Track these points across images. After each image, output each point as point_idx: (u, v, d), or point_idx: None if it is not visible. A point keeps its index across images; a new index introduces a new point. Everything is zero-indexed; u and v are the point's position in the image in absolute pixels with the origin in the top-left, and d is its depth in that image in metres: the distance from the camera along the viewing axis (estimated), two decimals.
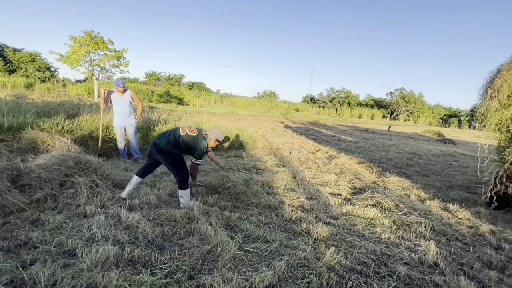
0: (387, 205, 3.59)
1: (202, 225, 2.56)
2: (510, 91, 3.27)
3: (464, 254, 2.53)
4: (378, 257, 2.38)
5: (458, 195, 4.47)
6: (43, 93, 22.11)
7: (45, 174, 2.97)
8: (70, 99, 7.95)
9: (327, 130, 15.51)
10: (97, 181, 3.29)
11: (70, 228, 2.42)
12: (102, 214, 2.67)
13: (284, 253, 2.28)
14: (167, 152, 2.95)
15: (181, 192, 3.03)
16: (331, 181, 4.69)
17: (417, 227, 2.98)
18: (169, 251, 2.19)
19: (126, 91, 5.01)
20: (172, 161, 2.98)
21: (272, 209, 3.26)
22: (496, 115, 3.38)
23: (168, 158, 2.97)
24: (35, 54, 33.08)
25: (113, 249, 2.07)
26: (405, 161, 7.07)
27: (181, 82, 43.60)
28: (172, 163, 2.98)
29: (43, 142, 4.13)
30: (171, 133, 3.04)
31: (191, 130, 3.08)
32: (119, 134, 5.04)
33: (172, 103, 27.44)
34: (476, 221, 3.30)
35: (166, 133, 3.06)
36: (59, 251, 2.08)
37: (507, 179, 3.54)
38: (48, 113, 5.95)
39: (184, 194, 3.04)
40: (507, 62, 3.43)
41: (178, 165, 3.00)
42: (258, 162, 5.53)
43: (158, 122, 6.73)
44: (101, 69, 18.21)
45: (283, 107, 37.05)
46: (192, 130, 3.09)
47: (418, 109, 44.33)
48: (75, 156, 3.41)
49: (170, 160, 2.98)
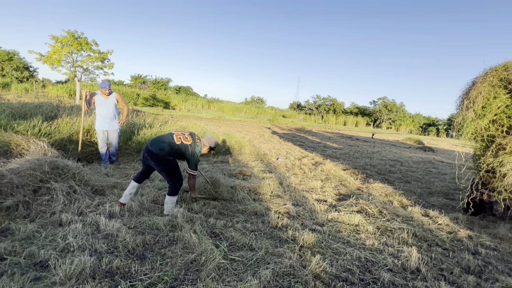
0: (371, 211, 3.66)
1: (186, 233, 2.48)
2: (484, 102, 3.45)
3: (444, 260, 2.60)
4: (362, 263, 2.39)
5: (437, 201, 4.63)
6: (20, 93, 21.05)
7: (17, 180, 2.79)
8: (49, 101, 7.59)
9: (313, 137, 15.74)
10: (75, 187, 3.13)
11: (43, 237, 2.27)
12: (79, 222, 2.53)
13: (270, 261, 2.25)
14: (161, 159, 2.88)
15: (168, 198, 2.96)
16: (317, 187, 4.72)
17: (400, 233, 3.04)
18: (150, 261, 2.10)
19: (112, 94, 4.84)
20: (165, 168, 2.91)
21: (258, 216, 3.23)
22: (471, 125, 3.55)
23: (162, 164, 2.89)
24: (12, 52, 31.60)
25: (90, 259, 1.95)
26: (388, 168, 7.27)
27: (168, 86, 42.98)
28: (165, 170, 2.91)
29: (17, 146, 3.89)
30: (164, 141, 2.94)
31: (185, 138, 3.02)
32: (100, 138, 4.84)
33: (158, 107, 26.93)
34: (455, 227, 3.42)
35: (160, 140, 2.96)
36: (29, 263, 1.94)
37: (483, 186, 3.71)
38: (24, 115, 5.64)
39: (170, 201, 2.97)
40: (481, 75, 3.63)
41: (171, 171, 2.93)
42: (245, 168, 5.49)
43: (143, 126, 6.56)
44: (84, 71, 17.64)
45: (270, 113, 37.33)
46: (187, 137, 3.03)
47: (399, 118, 46.06)
48: (52, 160, 3.23)
49: (164, 167, 2.91)
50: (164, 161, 2.89)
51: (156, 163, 2.89)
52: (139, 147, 5.80)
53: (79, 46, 16.37)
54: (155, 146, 2.88)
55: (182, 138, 3.00)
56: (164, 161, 2.89)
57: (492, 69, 3.52)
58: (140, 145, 5.82)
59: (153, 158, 2.87)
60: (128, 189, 3.07)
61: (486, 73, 3.56)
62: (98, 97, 4.76)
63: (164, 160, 2.89)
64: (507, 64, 3.42)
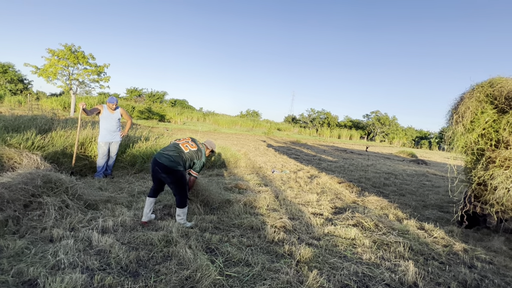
0: (367, 225, 3.65)
1: (180, 249, 2.44)
2: (472, 117, 3.57)
3: (440, 274, 2.59)
4: (360, 278, 2.37)
5: (432, 214, 4.66)
6: (13, 106, 20.88)
7: (8, 194, 2.73)
8: (43, 113, 7.54)
9: (308, 150, 15.84)
10: (68, 202, 3.07)
11: (32, 254, 2.19)
12: (71, 238, 2.47)
13: (267, 277, 2.21)
14: (172, 171, 2.90)
15: (179, 211, 3.01)
16: (313, 201, 4.72)
17: (396, 247, 3.03)
18: (144, 278, 2.05)
19: (117, 109, 5.07)
20: (174, 180, 2.93)
21: (254, 230, 3.19)
22: (461, 138, 3.65)
23: (172, 176, 2.92)
24: (7, 65, 31.59)
25: (81, 277, 1.89)
26: (382, 181, 7.32)
27: (163, 99, 43.19)
28: (174, 182, 2.94)
29: (9, 159, 3.83)
30: (174, 152, 2.98)
31: (191, 145, 3.10)
32: (102, 150, 4.92)
33: (153, 119, 26.93)
34: (450, 240, 3.43)
35: (168, 152, 2.99)
36: (17, 282, 1.87)
37: (475, 199, 3.77)
38: (18, 128, 5.59)
39: (182, 213, 3.01)
40: (468, 91, 3.78)
41: (180, 184, 2.96)
42: (241, 181, 5.47)
43: (138, 139, 6.53)
44: (79, 84, 17.68)
45: (265, 126, 37.60)
46: (192, 144, 3.12)
47: (392, 131, 46.88)
48: (45, 174, 3.18)
49: (173, 179, 2.93)
50: (175, 173, 2.91)
51: (167, 176, 2.90)
52: (133, 160, 5.75)
53: (75, 60, 16.51)
54: (165, 159, 2.90)
55: (189, 145, 3.07)
56: (175, 173, 2.91)
57: (479, 85, 3.67)
58: (134, 158, 5.78)
59: (165, 171, 2.88)
60: (146, 207, 3.04)
61: (473, 89, 3.71)
62: (105, 110, 4.93)
63: (175, 171, 2.91)
64: (492, 81, 3.58)
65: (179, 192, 2.96)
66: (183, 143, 3.08)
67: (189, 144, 3.06)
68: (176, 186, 2.95)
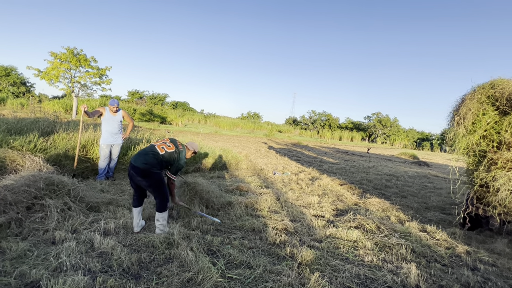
0: (369, 227, 3.64)
1: (182, 251, 2.44)
2: (474, 118, 3.57)
3: (443, 276, 2.58)
4: (362, 281, 2.36)
5: (434, 216, 4.63)
6: (16, 108, 21.02)
7: (11, 196, 2.75)
8: (46, 116, 7.59)
9: (310, 152, 15.83)
10: (70, 204, 3.08)
11: (35, 256, 2.20)
12: (73, 240, 2.48)
13: (268, 279, 2.21)
14: (147, 174, 2.75)
15: (158, 215, 2.84)
16: (314, 203, 4.71)
17: (398, 249, 3.02)
18: (145, 280, 2.05)
19: (119, 111, 5.11)
20: (152, 183, 2.78)
21: (255, 233, 3.19)
22: (463, 140, 3.65)
23: (148, 179, 2.76)
24: (10, 68, 31.82)
25: (83, 279, 1.90)
26: (384, 183, 7.30)
27: (164, 101, 43.35)
28: (152, 185, 2.78)
29: (12, 161, 3.85)
30: (147, 153, 2.84)
31: (168, 146, 2.93)
32: (104, 152, 4.96)
33: (154, 122, 27.01)
34: (453, 242, 3.41)
35: (143, 153, 2.86)
36: (20, 284, 1.88)
37: (478, 201, 3.75)
38: (20, 130, 5.62)
39: (161, 218, 2.86)
40: (469, 92, 3.77)
41: (158, 186, 2.80)
42: (242, 183, 5.47)
43: (140, 141, 6.55)
44: (81, 86, 17.78)
45: (266, 128, 37.61)
46: (169, 145, 2.94)
47: (393, 133, 46.75)
48: (47, 176, 3.19)
49: (151, 182, 2.78)
50: (150, 176, 2.76)
51: (143, 179, 2.75)
52: None
53: (77, 63, 16.61)
54: (139, 161, 2.76)
55: (165, 147, 2.91)
56: (151, 175, 2.76)
57: (480, 87, 3.67)
58: None
59: (139, 174, 2.74)
60: (134, 218, 2.91)
61: (474, 91, 3.71)
62: (107, 112, 4.98)
63: (150, 174, 2.76)
64: (493, 82, 3.58)
65: (158, 195, 2.81)
66: (159, 144, 2.93)
67: (165, 146, 2.91)
68: (154, 189, 2.80)
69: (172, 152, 2.91)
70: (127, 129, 5.35)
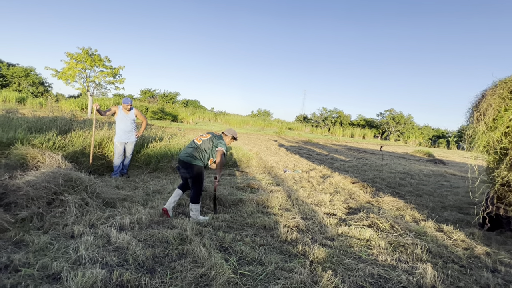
0: (383, 225, 3.57)
1: (195, 247, 2.48)
2: (495, 114, 3.42)
3: (461, 277, 2.50)
4: (375, 280, 2.32)
5: (451, 215, 4.49)
6: (35, 108, 21.86)
7: (32, 192, 2.87)
8: (63, 115, 7.86)
9: (320, 149, 15.66)
10: (87, 200, 3.19)
11: (55, 249, 2.30)
12: (91, 235, 2.56)
13: (280, 276, 2.21)
14: (190, 165, 3.18)
15: (191, 206, 3.23)
16: (326, 201, 4.66)
17: (413, 249, 2.95)
18: (160, 275, 2.10)
19: (132, 110, 5.22)
20: (192, 175, 3.19)
21: (267, 230, 3.20)
22: (483, 137, 3.50)
23: (191, 171, 3.19)
24: (29, 69, 33.12)
25: (101, 272, 1.96)
26: (398, 181, 7.13)
27: (175, 100, 43.95)
28: (192, 177, 3.20)
29: (33, 158, 4.02)
30: (189, 147, 3.29)
31: (204, 135, 3.37)
32: (118, 150, 5.08)
33: (166, 120, 27.46)
34: (471, 243, 3.30)
35: (186, 148, 3.32)
36: (42, 275, 1.96)
37: (498, 200, 3.60)
38: (40, 129, 5.85)
39: (194, 208, 3.22)
40: (490, 87, 3.61)
41: (196, 179, 3.20)
42: (253, 180, 5.48)
43: (153, 139, 6.68)
44: (96, 86, 18.29)
45: (276, 126, 37.48)
46: (205, 135, 3.39)
47: (407, 130, 45.52)
48: (66, 173, 3.32)
49: (191, 174, 3.19)
50: (193, 167, 3.18)
51: (186, 170, 3.19)
52: (148, 159, 5.89)
53: (92, 63, 17.07)
54: (183, 155, 3.24)
55: (202, 137, 3.36)
56: (193, 167, 3.18)
57: (502, 81, 3.50)
58: (149, 157, 5.91)
59: (184, 166, 3.19)
60: (172, 197, 3.31)
61: (495, 86, 3.54)
62: (120, 111, 5.10)
63: (192, 166, 3.18)
64: None
65: (194, 187, 3.20)
66: (198, 137, 3.35)
67: (202, 136, 3.33)
68: (193, 181, 3.20)
69: (207, 138, 3.30)
70: (140, 128, 5.46)
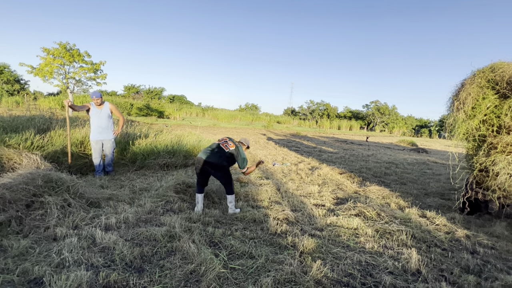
0: (369, 214, 3.67)
1: (184, 243, 2.45)
2: (474, 103, 3.54)
3: (443, 260, 2.61)
4: (363, 267, 2.38)
5: (434, 202, 4.67)
6: (11, 107, 20.77)
7: (9, 195, 2.73)
8: (41, 113, 7.50)
9: (309, 142, 15.82)
10: (70, 200, 3.07)
11: (37, 253, 2.20)
12: (75, 236, 2.48)
13: (271, 268, 2.22)
14: (221, 167, 3.43)
15: (229, 197, 3.46)
16: (315, 192, 4.73)
17: (399, 235, 3.05)
18: (148, 274, 2.06)
19: (105, 104, 4.85)
20: (223, 174, 3.46)
21: (257, 223, 3.20)
22: (463, 125, 3.63)
23: (221, 171, 3.45)
24: (3, 66, 31.30)
25: (86, 274, 1.90)
26: (383, 170, 7.33)
27: (161, 95, 42.96)
28: (223, 176, 3.46)
29: (9, 160, 3.81)
30: (218, 151, 3.48)
31: (230, 145, 3.56)
32: (94, 149, 4.80)
33: (152, 116, 26.84)
34: (452, 227, 3.45)
35: (213, 151, 3.48)
36: (23, 281, 1.88)
37: (477, 186, 3.77)
38: (16, 128, 5.55)
39: (232, 198, 3.47)
40: (469, 77, 3.73)
41: (227, 176, 3.48)
42: (242, 175, 5.47)
43: (138, 136, 6.51)
44: (76, 82, 17.54)
45: (265, 120, 37.50)
46: (230, 144, 3.57)
47: (392, 120, 46.74)
48: (45, 174, 3.17)
49: (222, 173, 3.45)
50: (223, 168, 3.45)
51: (216, 171, 3.42)
52: (134, 157, 5.74)
53: (71, 58, 16.33)
54: (213, 158, 3.41)
55: (228, 145, 3.54)
56: (223, 168, 3.45)
57: (480, 71, 3.62)
58: (135, 155, 5.76)
59: (214, 168, 3.40)
60: (199, 203, 3.46)
61: (474, 75, 3.66)
62: (93, 106, 4.77)
63: (222, 167, 3.44)
64: (493, 66, 3.53)
65: (226, 182, 3.47)
66: (223, 144, 3.56)
67: (228, 144, 3.56)
68: (225, 179, 3.47)
69: (233, 149, 3.55)
70: (118, 126, 5.12)
